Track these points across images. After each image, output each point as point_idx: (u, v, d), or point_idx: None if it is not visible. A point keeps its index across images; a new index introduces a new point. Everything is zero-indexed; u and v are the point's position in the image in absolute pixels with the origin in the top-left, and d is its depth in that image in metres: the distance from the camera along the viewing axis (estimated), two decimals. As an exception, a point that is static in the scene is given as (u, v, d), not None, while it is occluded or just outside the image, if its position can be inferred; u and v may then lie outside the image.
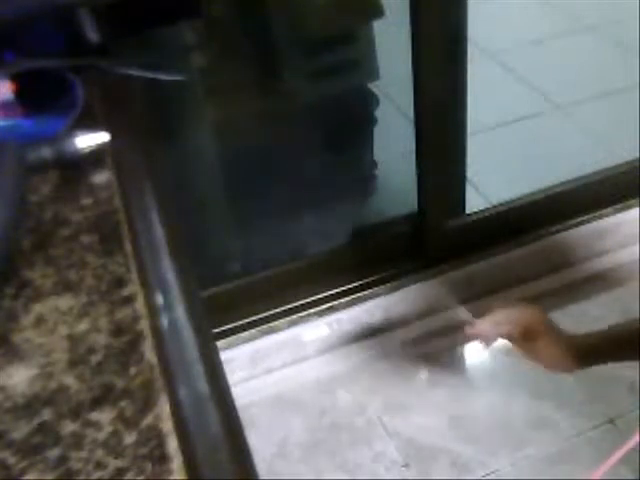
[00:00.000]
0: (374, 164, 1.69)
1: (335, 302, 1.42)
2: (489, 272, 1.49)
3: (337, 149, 1.65)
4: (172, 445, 0.38)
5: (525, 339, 1.14)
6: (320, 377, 1.42)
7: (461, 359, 1.45)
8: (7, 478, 0.37)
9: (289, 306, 1.40)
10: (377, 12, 1.46)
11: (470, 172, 1.42)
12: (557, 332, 1.13)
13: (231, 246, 1.54)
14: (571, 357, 1.11)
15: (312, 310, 1.41)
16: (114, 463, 0.38)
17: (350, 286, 1.43)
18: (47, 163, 0.59)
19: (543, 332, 1.13)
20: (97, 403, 0.41)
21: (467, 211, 1.47)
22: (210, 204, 1.48)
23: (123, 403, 0.41)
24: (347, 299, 1.42)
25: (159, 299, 0.47)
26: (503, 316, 1.17)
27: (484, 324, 1.18)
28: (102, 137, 0.61)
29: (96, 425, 0.40)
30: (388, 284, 1.44)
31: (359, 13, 1.49)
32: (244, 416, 0.43)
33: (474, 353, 1.45)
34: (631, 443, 1.02)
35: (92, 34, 0.73)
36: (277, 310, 1.40)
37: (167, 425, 0.39)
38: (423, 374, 1.41)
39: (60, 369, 0.43)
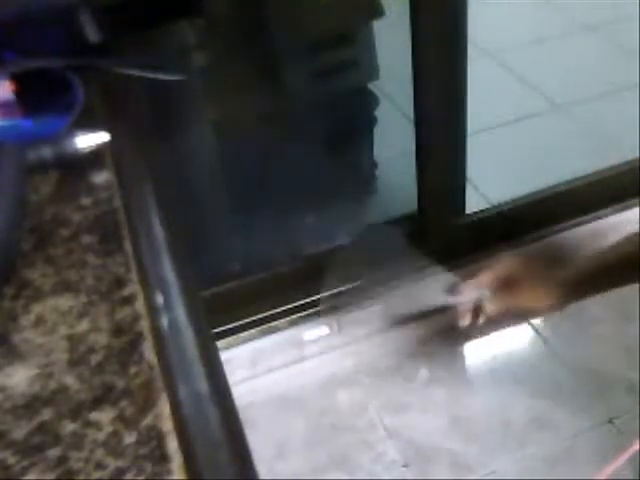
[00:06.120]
0: (374, 164, 1.69)
1: (335, 302, 1.42)
2: (489, 272, 1.49)
3: (337, 149, 1.65)
4: (172, 445, 0.38)
5: (507, 287, 1.24)
6: (320, 377, 1.42)
7: (461, 359, 1.45)
8: (7, 478, 0.37)
9: (289, 306, 1.40)
10: (377, 12, 1.46)
11: (470, 172, 1.42)
12: (539, 271, 1.23)
13: (231, 246, 1.54)
14: (558, 291, 1.16)
15: (312, 310, 1.41)
16: (114, 463, 0.38)
17: (350, 286, 1.43)
18: (47, 163, 0.59)
19: (523, 275, 1.23)
20: (97, 403, 0.41)
21: (467, 211, 1.47)
22: (210, 204, 1.48)
23: (123, 403, 0.41)
24: (347, 299, 1.42)
25: (159, 299, 0.47)
26: (484, 276, 1.28)
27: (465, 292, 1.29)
28: (102, 137, 0.61)
29: (96, 425, 0.40)
30: (388, 284, 1.44)
31: (359, 13, 1.49)
32: (244, 416, 0.43)
33: (474, 353, 1.45)
34: (632, 450, 1.02)
35: (92, 34, 0.73)
36: (277, 310, 1.40)
37: (167, 425, 0.39)
38: (423, 374, 1.41)
39: (60, 369, 0.43)
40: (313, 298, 1.41)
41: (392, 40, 1.43)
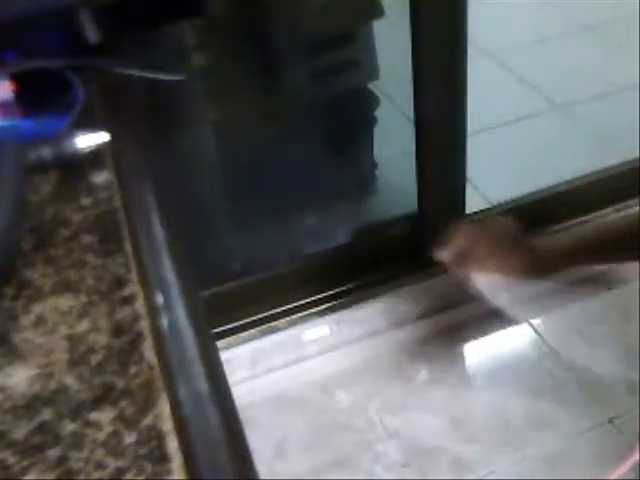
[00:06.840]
0: (374, 164, 1.69)
1: (335, 302, 1.42)
2: (489, 272, 1.49)
3: (337, 149, 1.65)
4: (172, 445, 0.38)
5: (485, 253, 1.17)
6: (320, 377, 1.42)
7: (461, 359, 1.45)
8: (7, 478, 0.37)
9: (289, 306, 1.40)
10: (377, 12, 1.46)
11: (470, 172, 1.42)
12: (519, 240, 1.16)
13: (231, 246, 1.54)
14: (537, 261, 1.14)
15: (312, 310, 1.41)
16: (114, 463, 0.38)
17: (350, 286, 1.43)
18: (47, 163, 0.59)
19: (500, 241, 1.16)
20: (97, 403, 0.41)
21: (467, 211, 1.47)
22: (210, 204, 1.48)
23: (123, 403, 0.41)
24: (347, 299, 1.42)
25: (159, 299, 0.47)
26: (468, 236, 1.20)
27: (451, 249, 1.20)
28: (102, 137, 0.61)
29: (96, 425, 0.40)
30: (388, 284, 1.44)
31: (359, 13, 1.49)
32: (244, 416, 0.43)
33: (474, 353, 1.45)
34: (632, 460, 1.02)
35: (92, 34, 0.73)
36: (277, 310, 1.40)
37: (167, 425, 0.39)
38: (423, 374, 1.41)
39: (60, 369, 0.43)
40: (313, 298, 1.41)
41: (392, 40, 1.43)
